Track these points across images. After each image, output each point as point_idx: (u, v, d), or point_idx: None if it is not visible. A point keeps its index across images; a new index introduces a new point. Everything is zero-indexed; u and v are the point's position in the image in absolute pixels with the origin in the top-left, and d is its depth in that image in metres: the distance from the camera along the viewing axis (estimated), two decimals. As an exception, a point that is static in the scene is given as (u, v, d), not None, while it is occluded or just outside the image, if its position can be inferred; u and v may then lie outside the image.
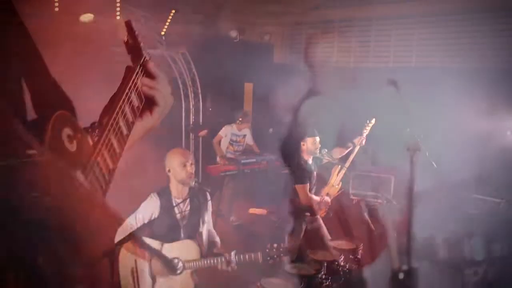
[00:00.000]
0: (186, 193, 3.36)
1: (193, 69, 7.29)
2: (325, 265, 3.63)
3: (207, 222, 3.47)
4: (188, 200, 3.32)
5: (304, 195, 4.28)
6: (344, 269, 3.64)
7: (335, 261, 3.66)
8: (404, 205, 4.20)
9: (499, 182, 5.48)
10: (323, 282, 3.54)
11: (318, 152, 4.38)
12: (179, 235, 3.27)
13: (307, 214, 4.36)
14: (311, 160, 4.44)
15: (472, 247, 4.70)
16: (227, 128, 6.91)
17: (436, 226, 4.77)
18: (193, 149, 7.29)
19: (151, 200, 3.26)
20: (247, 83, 8.33)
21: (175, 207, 3.21)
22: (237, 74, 7.11)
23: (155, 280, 3.18)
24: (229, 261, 3.18)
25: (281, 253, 3.23)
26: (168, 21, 6.46)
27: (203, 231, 3.42)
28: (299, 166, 4.34)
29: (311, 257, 3.81)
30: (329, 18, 7.98)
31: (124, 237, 3.08)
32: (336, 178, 4.63)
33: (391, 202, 5.23)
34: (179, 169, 3.27)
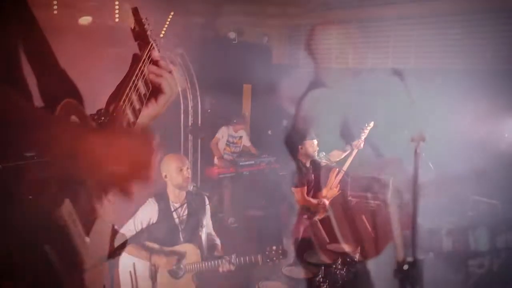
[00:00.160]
0: (184, 198, 3.37)
1: (192, 71, 7.30)
2: (323, 269, 3.64)
3: (206, 226, 3.49)
4: (186, 205, 3.34)
5: (302, 198, 4.30)
6: (342, 272, 3.66)
7: (333, 265, 3.68)
8: (403, 204, 4.23)
9: (497, 184, 5.49)
10: (321, 286, 3.55)
11: (316, 155, 4.40)
12: (178, 239, 3.29)
13: (305, 217, 4.38)
14: (309, 163, 4.45)
15: (477, 239, 4.71)
16: (224, 130, 6.94)
17: (441, 218, 4.81)
18: (192, 151, 7.30)
19: (150, 205, 3.28)
20: (246, 85, 8.34)
21: (174, 212, 3.23)
22: (236, 76, 7.12)
23: (155, 284, 3.20)
24: (230, 263, 3.21)
25: (280, 255, 3.26)
26: (167, 23, 6.46)
27: (202, 235, 3.44)
28: (297, 169, 4.35)
29: (309, 261, 3.83)
30: (328, 19, 7.98)
31: (123, 242, 3.10)
32: (334, 181, 4.65)
33: (389, 203, 5.24)
34: (175, 174, 3.29)
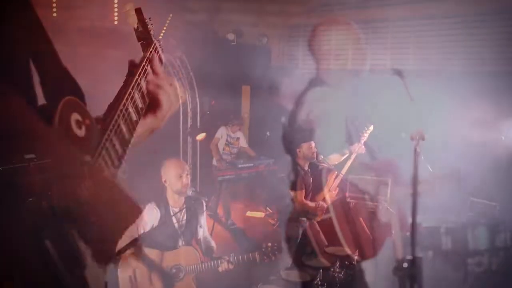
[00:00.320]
0: (182, 202, 3.41)
1: (191, 73, 7.32)
2: (321, 272, 3.66)
3: (203, 229, 3.54)
4: (185, 210, 3.38)
5: (300, 201, 4.31)
6: (340, 275, 3.68)
7: (331, 268, 3.69)
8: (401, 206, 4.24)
9: (495, 186, 5.51)
10: (319, 289, 3.58)
11: (315, 158, 4.41)
12: (178, 243, 3.33)
13: (303, 220, 4.39)
14: (307, 166, 4.46)
15: (476, 238, 4.73)
16: (223, 130, 6.99)
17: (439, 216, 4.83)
18: (191, 153, 7.32)
19: (151, 211, 3.31)
20: (245, 86, 8.37)
21: (173, 217, 3.26)
22: (235, 77, 7.14)
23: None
24: (229, 262, 3.26)
25: (276, 251, 3.30)
26: (166, 25, 6.48)
27: (201, 237, 3.49)
28: (295, 172, 4.36)
29: (307, 263, 3.85)
30: (329, 20, 7.97)
31: (125, 246, 3.12)
32: (333, 184, 4.66)
33: (388, 205, 5.25)
34: (175, 180, 3.32)
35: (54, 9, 5.54)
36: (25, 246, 0.87)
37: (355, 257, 3.87)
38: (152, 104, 1.26)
